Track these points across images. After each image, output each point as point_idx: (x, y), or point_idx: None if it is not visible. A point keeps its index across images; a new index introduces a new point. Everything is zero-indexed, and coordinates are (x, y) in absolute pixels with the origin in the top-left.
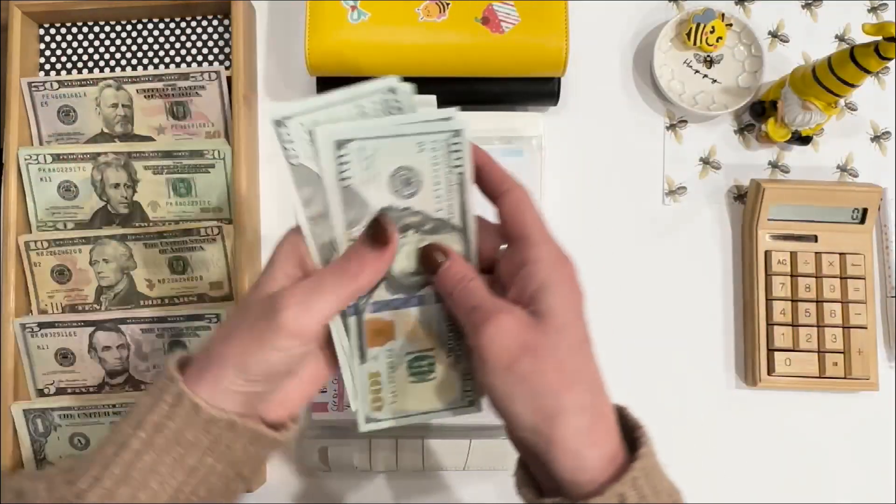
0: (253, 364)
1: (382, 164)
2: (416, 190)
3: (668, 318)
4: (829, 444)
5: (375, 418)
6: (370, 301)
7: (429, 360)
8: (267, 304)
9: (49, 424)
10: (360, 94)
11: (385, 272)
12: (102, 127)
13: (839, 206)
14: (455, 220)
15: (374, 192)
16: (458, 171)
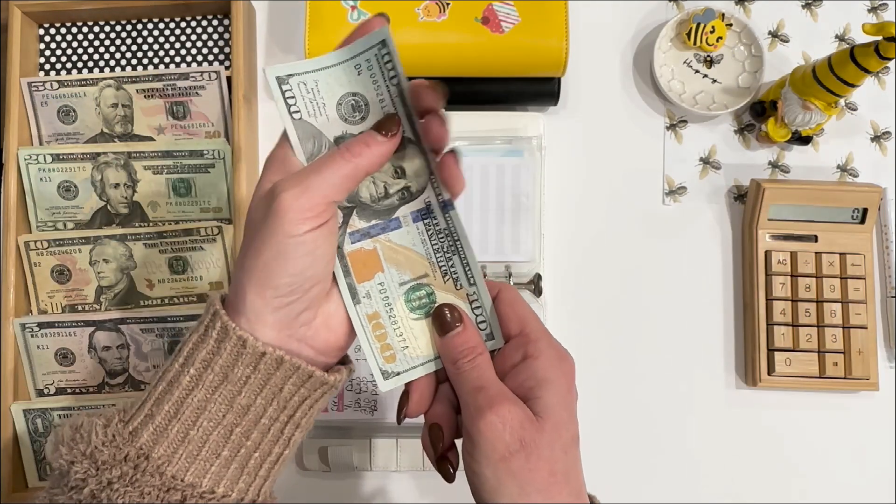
0: (275, 267)
1: (327, 96)
2: (365, 113)
3: (668, 318)
4: (829, 444)
5: (393, 371)
6: (347, 232)
7: (426, 289)
8: (267, 198)
9: (49, 424)
10: (356, 53)
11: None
12: (102, 127)
13: (839, 206)
14: (408, 132)
15: (326, 123)
16: (395, 81)
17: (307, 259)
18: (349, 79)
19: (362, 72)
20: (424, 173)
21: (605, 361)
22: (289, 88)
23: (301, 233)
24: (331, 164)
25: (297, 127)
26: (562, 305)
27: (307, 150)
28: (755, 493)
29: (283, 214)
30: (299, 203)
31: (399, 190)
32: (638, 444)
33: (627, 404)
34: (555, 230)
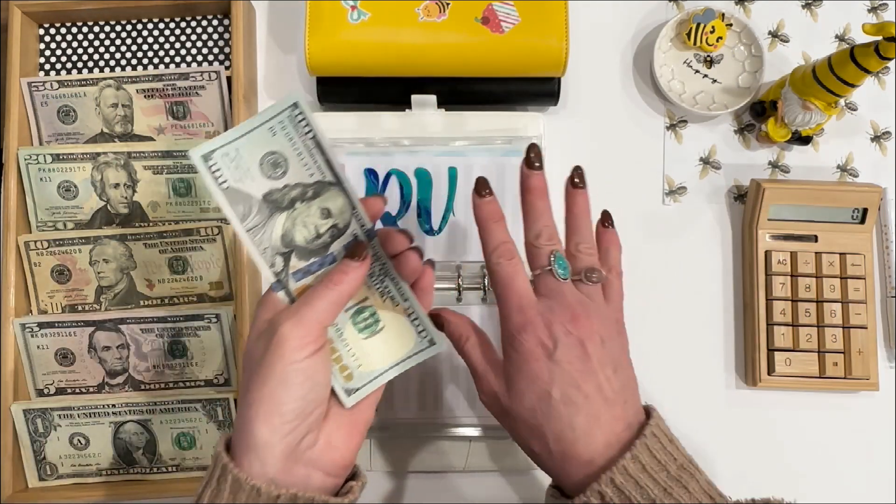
0: (280, 394)
1: (249, 160)
2: (285, 168)
3: (668, 318)
4: (829, 444)
5: (353, 388)
6: (289, 273)
7: (369, 310)
8: (267, 333)
9: (49, 424)
10: (269, 117)
11: (362, 280)
12: (102, 127)
13: (839, 206)
14: (328, 177)
15: (252, 184)
16: (310, 136)
17: (308, 384)
18: (266, 140)
19: (277, 133)
20: (348, 209)
21: None
22: (214, 163)
23: (301, 359)
24: (318, 295)
25: (226, 195)
26: None
27: (238, 212)
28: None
29: (283, 343)
30: (297, 331)
31: (328, 228)
32: None
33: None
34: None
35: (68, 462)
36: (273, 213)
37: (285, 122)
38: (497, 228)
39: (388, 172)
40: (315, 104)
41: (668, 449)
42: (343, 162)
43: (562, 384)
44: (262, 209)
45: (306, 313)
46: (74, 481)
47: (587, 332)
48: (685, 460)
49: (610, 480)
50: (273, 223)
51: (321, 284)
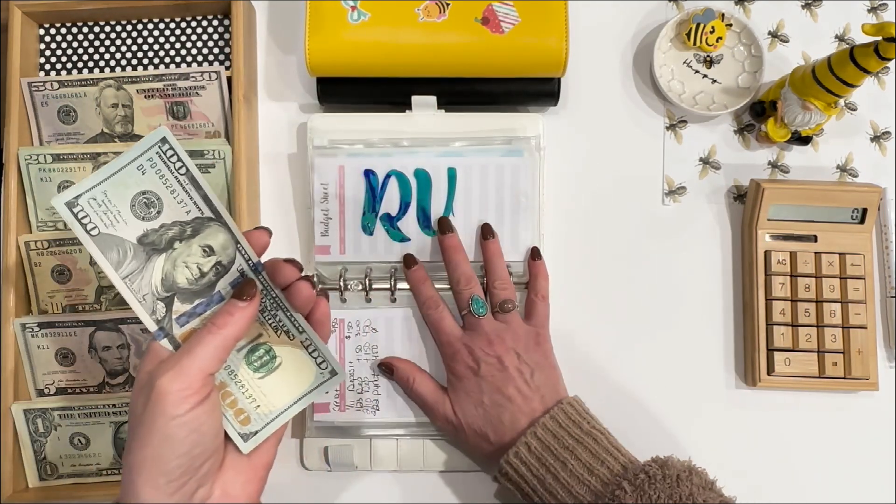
0: (163, 452)
1: (118, 202)
2: (160, 207)
3: (668, 317)
4: (829, 444)
5: (250, 432)
6: (173, 318)
7: (264, 347)
8: (146, 388)
9: (49, 424)
10: (136, 155)
11: (251, 321)
12: (102, 127)
13: (839, 206)
14: (206, 212)
15: (125, 228)
16: (182, 171)
17: (193, 437)
18: (135, 180)
19: (146, 171)
20: (231, 245)
21: (605, 361)
22: (80, 209)
23: (183, 412)
24: (200, 341)
25: (97, 242)
26: (561, 304)
27: (112, 260)
28: (755, 493)
29: (163, 398)
30: (177, 384)
31: (212, 266)
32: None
33: (626, 403)
34: (555, 230)
35: (68, 462)
36: (151, 256)
37: (154, 159)
38: (424, 288)
39: (387, 173)
40: (315, 104)
41: (583, 415)
42: (343, 163)
43: (489, 392)
44: (139, 253)
45: (186, 363)
46: (74, 481)
47: (502, 350)
48: (592, 429)
49: (533, 433)
50: (151, 267)
51: (204, 329)
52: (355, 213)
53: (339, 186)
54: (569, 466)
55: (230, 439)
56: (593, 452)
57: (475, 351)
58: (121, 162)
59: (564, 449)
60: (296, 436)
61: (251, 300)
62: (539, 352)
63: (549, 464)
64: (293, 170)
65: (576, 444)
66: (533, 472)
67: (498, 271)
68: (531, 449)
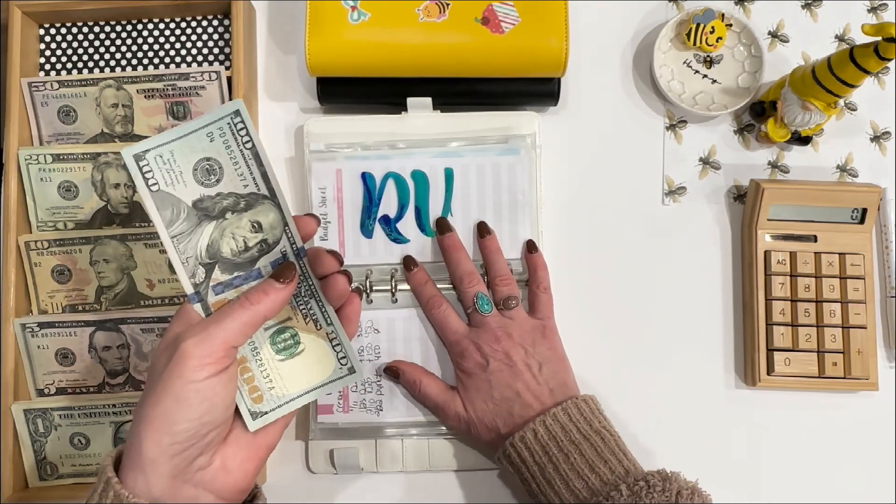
0: (174, 413)
1: (183, 164)
2: (220, 176)
3: (667, 318)
4: (829, 444)
5: (261, 411)
6: (210, 285)
7: (290, 331)
8: (170, 347)
9: (49, 424)
10: (208, 122)
11: (284, 304)
12: (102, 127)
13: (839, 206)
14: (262, 189)
15: (183, 190)
16: (248, 145)
17: (206, 405)
18: (202, 145)
19: (214, 139)
20: (279, 225)
21: (604, 361)
22: (146, 164)
23: (201, 378)
24: (231, 313)
25: (154, 198)
26: (561, 304)
27: (165, 217)
28: (755, 493)
29: (184, 361)
30: (200, 350)
31: (257, 243)
32: (636, 443)
33: (626, 403)
34: (555, 230)
35: (68, 462)
36: (201, 222)
37: (224, 129)
38: (425, 289)
39: (384, 176)
40: (315, 105)
41: (596, 414)
42: (340, 167)
43: (498, 388)
44: (191, 216)
45: (213, 331)
46: (74, 481)
47: (510, 346)
48: (602, 428)
49: (542, 421)
50: (200, 232)
51: (237, 302)
52: (354, 216)
53: (336, 190)
54: (571, 459)
55: (239, 414)
56: (598, 451)
57: (483, 348)
58: (192, 126)
59: (570, 442)
60: (300, 437)
61: (288, 283)
62: (546, 344)
63: (553, 453)
64: (291, 173)
65: (582, 440)
66: (535, 459)
67: (498, 268)
68: (537, 436)
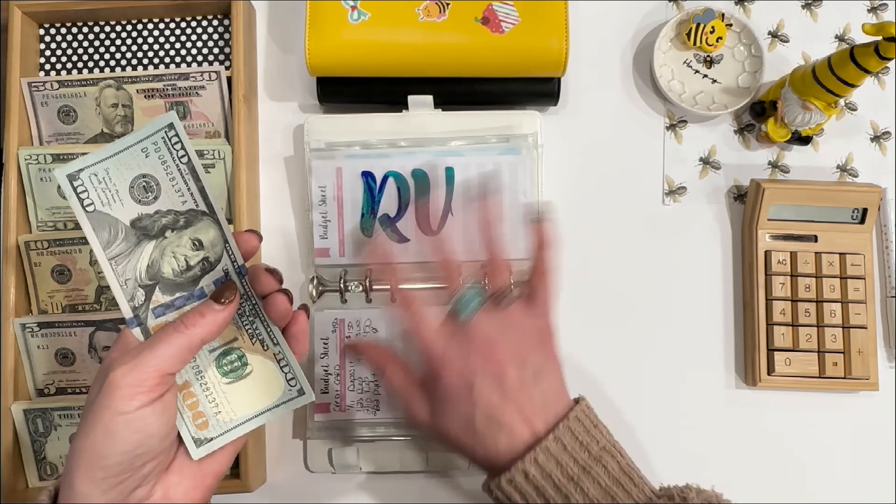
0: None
1: (118, 181)
2: (157, 193)
3: (668, 318)
4: (829, 444)
5: (205, 438)
6: (150, 307)
7: (237, 353)
8: (100, 378)
9: (49, 424)
10: (142, 137)
11: (224, 326)
12: (102, 127)
13: (839, 206)
14: (200, 206)
15: (120, 209)
16: (184, 160)
17: (138, 436)
18: (138, 162)
19: (150, 154)
20: (220, 242)
21: (604, 360)
22: (80, 183)
23: (132, 409)
24: (165, 338)
25: (90, 219)
26: (561, 304)
27: (102, 239)
28: (755, 494)
29: (113, 391)
30: (129, 378)
31: (199, 261)
32: (636, 443)
33: (626, 404)
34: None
35: None
36: (140, 241)
37: (159, 144)
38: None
39: (384, 175)
40: (315, 104)
41: (592, 432)
42: (340, 165)
43: (483, 409)
44: (130, 236)
45: (145, 358)
46: None
47: (502, 359)
48: (608, 443)
49: (533, 459)
50: (140, 252)
51: (171, 326)
52: (354, 214)
53: (336, 189)
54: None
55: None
56: (602, 485)
57: (470, 362)
58: (126, 142)
59: (569, 480)
60: (298, 437)
61: (229, 304)
62: (542, 353)
63: (549, 495)
64: (291, 172)
65: (581, 475)
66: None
67: (491, 249)
68: (528, 477)
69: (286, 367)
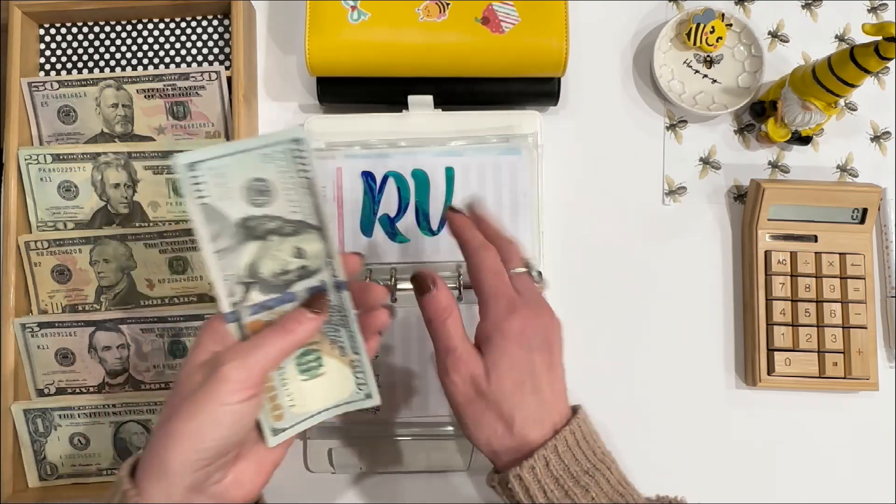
0: (206, 431)
1: (234, 179)
2: (270, 198)
3: (668, 318)
4: (829, 444)
5: (280, 428)
6: (245, 305)
7: (315, 354)
8: (207, 366)
9: (49, 424)
10: (267, 143)
11: (314, 334)
12: (102, 127)
13: (839, 206)
14: (311, 220)
15: (231, 206)
16: (305, 174)
17: (235, 427)
18: (256, 165)
19: (270, 160)
20: (322, 256)
21: (605, 361)
22: (198, 174)
23: (236, 402)
24: (270, 341)
25: (202, 211)
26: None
27: (211, 232)
28: (755, 494)
29: (222, 383)
30: (239, 374)
31: (297, 268)
32: (637, 443)
33: (627, 404)
34: (555, 230)
35: (68, 462)
36: (245, 240)
37: (282, 154)
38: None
39: (384, 175)
40: (315, 104)
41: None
42: (340, 165)
43: (533, 374)
44: (236, 233)
45: (254, 357)
46: (74, 481)
47: (550, 327)
48: (602, 454)
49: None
50: (243, 250)
51: (275, 330)
52: (354, 214)
53: (336, 189)
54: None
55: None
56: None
57: (531, 319)
58: (250, 144)
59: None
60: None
61: (319, 315)
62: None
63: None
64: None
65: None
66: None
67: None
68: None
69: (360, 374)
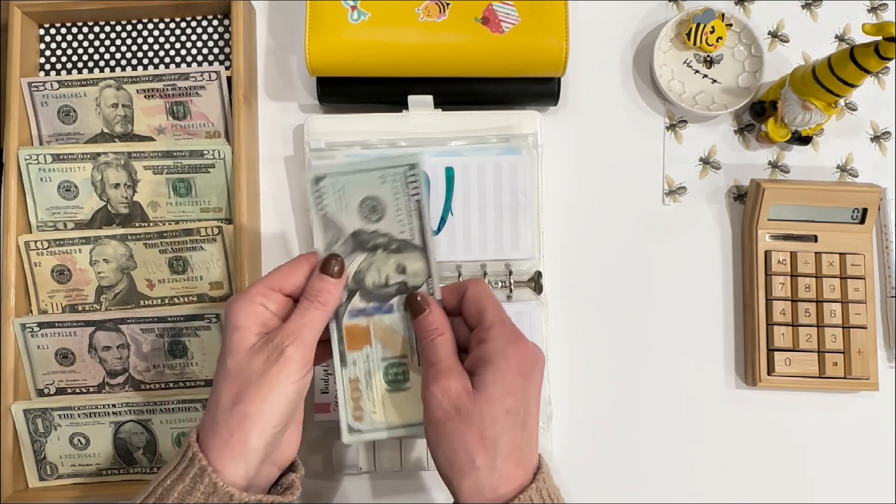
0: (280, 407)
1: (352, 195)
2: (381, 215)
3: (668, 318)
4: (829, 444)
5: (357, 429)
6: (348, 308)
7: (403, 368)
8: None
9: (49, 424)
10: (385, 165)
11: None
12: (102, 127)
13: (839, 206)
14: (416, 240)
15: (347, 218)
16: (416, 198)
17: (299, 399)
18: (373, 185)
19: (386, 182)
20: (423, 275)
21: (605, 361)
22: (322, 187)
23: (300, 378)
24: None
25: (322, 220)
26: (562, 304)
27: (327, 239)
28: (755, 494)
29: (288, 363)
30: (301, 353)
31: (398, 283)
32: (637, 443)
33: (626, 404)
34: (555, 229)
35: (68, 462)
36: (355, 251)
37: (397, 177)
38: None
39: None
40: (315, 104)
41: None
42: None
43: (527, 407)
44: (348, 243)
45: (308, 335)
46: (74, 481)
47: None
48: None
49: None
50: (352, 259)
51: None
52: None
53: None
54: None
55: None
56: None
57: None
58: (369, 164)
59: None
60: None
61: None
62: None
63: None
64: (291, 172)
65: None
66: None
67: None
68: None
69: None
